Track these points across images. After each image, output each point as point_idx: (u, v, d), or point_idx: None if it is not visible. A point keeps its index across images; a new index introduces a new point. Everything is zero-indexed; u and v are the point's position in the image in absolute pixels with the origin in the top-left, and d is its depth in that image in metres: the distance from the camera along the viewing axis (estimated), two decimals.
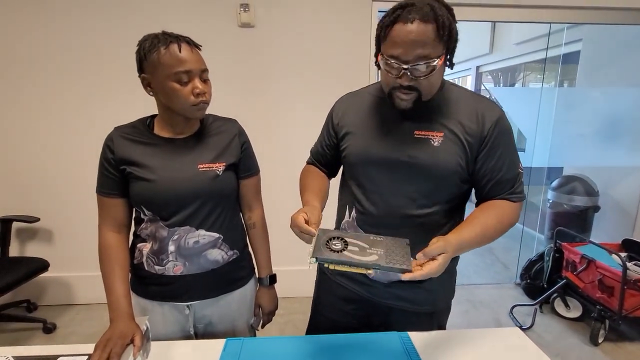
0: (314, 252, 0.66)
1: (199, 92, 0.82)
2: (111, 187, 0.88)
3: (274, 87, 2.14)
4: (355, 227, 0.90)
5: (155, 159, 0.87)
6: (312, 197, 0.85)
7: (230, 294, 0.98)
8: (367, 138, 0.87)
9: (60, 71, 2.02)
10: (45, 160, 2.11)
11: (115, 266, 0.87)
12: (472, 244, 0.74)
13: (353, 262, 0.65)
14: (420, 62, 0.71)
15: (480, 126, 0.79)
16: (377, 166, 0.85)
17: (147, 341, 0.83)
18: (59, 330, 2.02)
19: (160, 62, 0.79)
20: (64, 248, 2.22)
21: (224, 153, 0.93)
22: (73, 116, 2.07)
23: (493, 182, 0.81)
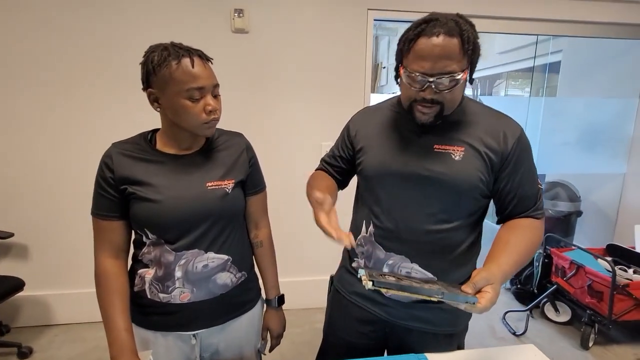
0: (370, 277, 0.64)
1: (211, 110, 0.77)
2: (109, 208, 0.81)
3: (267, 94, 2.09)
4: (372, 243, 0.87)
5: (160, 177, 0.80)
6: (318, 192, 0.79)
7: (238, 319, 0.92)
8: (385, 152, 0.85)
9: (33, 82, 1.88)
10: (19, 171, 1.95)
11: (114, 297, 0.80)
12: (513, 270, 0.73)
13: (416, 289, 0.63)
14: (445, 76, 0.70)
15: (503, 143, 0.78)
16: (395, 180, 0.83)
17: None
18: (35, 354, 1.87)
19: (171, 78, 0.73)
20: (41, 265, 2.06)
21: (233, 169, 0.88)
22: (47, 127, 1.94)
23: (518, 198, 0.81)
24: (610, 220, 2.74)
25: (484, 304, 0.62)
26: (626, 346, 2.02)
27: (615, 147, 2.64)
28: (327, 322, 1.05)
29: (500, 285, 0.67)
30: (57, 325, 2.12)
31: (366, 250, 0.89)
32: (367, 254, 0.88)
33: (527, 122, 2.59)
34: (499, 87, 4.61)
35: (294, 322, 2.17)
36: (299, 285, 2.29)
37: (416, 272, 0.83)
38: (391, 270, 0.85)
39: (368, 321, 0.93)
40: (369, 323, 0.93)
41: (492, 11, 2.15)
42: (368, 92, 2.18)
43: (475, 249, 0.89)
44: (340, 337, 0.98)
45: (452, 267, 0.84)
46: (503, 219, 0.84)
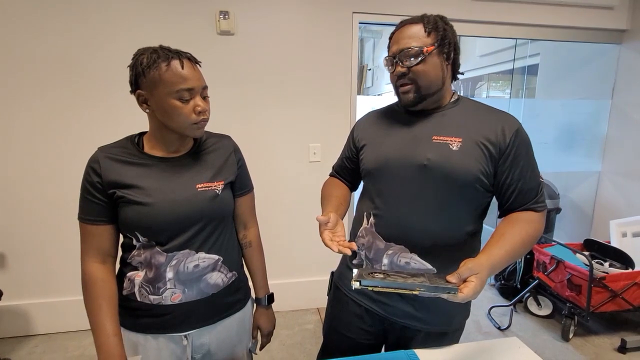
0: (357, 277, 0.67)
1: (200, 110, 0.77)
2: (97, 213, 0.80)
3: (254, 95, 2.08)
4: (372, 234, 0.89)
5: (150, 180, 0.80)
6: (331, 207, 0.88)
7: (229, 319, 0.92)
8: (384, 145, 0.89)
9: (9, 85, 1.82)
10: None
11: (102, 302, 0.78)
12: (503, 262, 0.74)
13: (397, 284, 0.65)
14: (407, 50, 0.80)
15: (501, 137, 0.80)
16: (394, 171, 0.85)
17: None
18: None
19: (161, 79, 0.74)
20: (19, 273, 1.98)
21: (222, 171, 0.89)
22: (23, 133, 1.88)
23: (518, 190, 0.82)
24: (587, 216, 2.86)
25: (465, 292, 0.64)
26: (604, 336, 2.11)
27: (590, 147, 2.75)
28: (328, 318, 1.06)
29: (488, 276, 0.69)
30: (37, 335, 2.05)
31: (367, 241, 0.90)
32: (367, 245, 0.90)
33: None
34: (481, 88, 4.74)
35: (283, 323, 2.17)
36: (288, 286, 2.29)
37: (415, 262, 0.84)
38: (390, 261, 0.86)
39: (367, 318, 0.94)
40: (368, 319, 0.95)
41: (472, 15, 2.22)
42: (354, 93, 2.20)
43: (475, 244, 0.90)
44: (341, 334, 0.99)
45: (452, 259, 0.84)
46: (504, 212, 0.86)
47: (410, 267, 0.85)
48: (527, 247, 0.79)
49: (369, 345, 0.96)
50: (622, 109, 2.56)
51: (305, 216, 2.26)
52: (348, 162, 1.03)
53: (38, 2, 1.78)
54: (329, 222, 0.78)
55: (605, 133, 2.67)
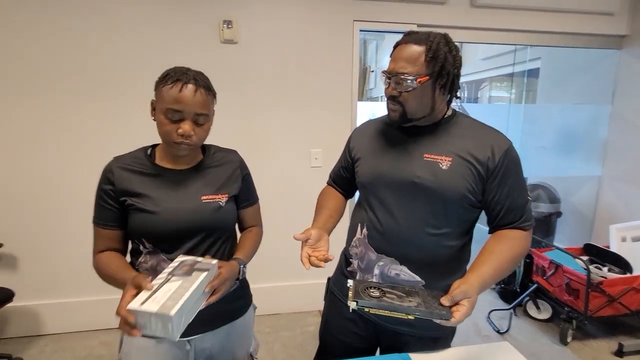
0: (354, 297, 0.70)
1: (181, 133, 0.81)
2: (109, 218, 0.86)
3: (256, 102, 2.13)
4: (365, 245, 0.93)
5: (158, 190, 0.85)
6: (318, 223, 0.94)
7: (231, 324, 0.97)
8: (378, 160, 0.92)
9: (19, 91, 1.89)
10: (7, 182, 1.95)
11: (117, 260, 0.86)
12: (492, 280, 0.78)
13: (395, 308, 0.68)
14: (400, 76, 0.80)
15: (491, 156, 0.82)
16: (386, 186, 0.89)
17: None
18: None
19: (162, 95, 0.81)
20: (30, 275, 2.05)
21: (227, 184, 0.94)
22: (35, 137, 1.94)
23: (505, 209, 0.84)
24: (587, 221, 2.87)
25: (457, 318, 0.68)
26: (601, 340, 2.12)
27: (590, 151, 2.77)
28: (323, 322, 1.10)
29: (477, 296, 0.73)
30: (47, 335, 2.11)
31: (360, 251, 0.95)
32: (360, 255, 0.94)
33: (508, 127, 2.69)
34: (484, 90, 4.76)
35: (285, 325, 2.22)
36: (289, 289, 2.34)
37: (405, 274, 0.88)
38: (381, 272, 0.90)
39: (360, 323, 0.99)
40: (362, 324, 0.99)
41: (472, 22, 2.24)
42: (355, 99, 2.24)
43: (464, 257, 0.94)
44: (336, 338, 1.04)
45: (441, 273, 0.89)
46: (493, 229, 0.89)
47: (400, 278, 0.89)
48: (514, 265, 0.83)
49: (363, 350, 1.00)
50: (622, 114, 2.57)
51: (307, 220, 2.29)
52: (344, 172, 1.07)
53: (47, 11, 1.84)
54: (309, 239, 0.83)
55: (606, 138, 2.69)
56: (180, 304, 0.64)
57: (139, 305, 0.64)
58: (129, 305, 0.64)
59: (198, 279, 0.72)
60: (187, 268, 0.74)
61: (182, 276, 0.72)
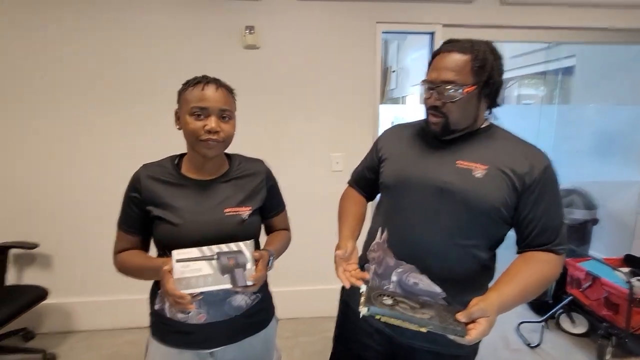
0: (366, 303, 0.67)
1: (208, 129, 0.82)
2: (131, 224, 0.89)
3: (278, 107, 2.14)
4: (384, 250, 0.89)
5: (182, 201, 0.86)
6: (348, 231, 0.91)
7: (254, 337, 0.96)
8: (404, 162, 0.90)
9: (57, 97, 1.98)
10: (44, 184, 2.05)
11: (140, 254, 0.90)
12: (514, 303, 0.72)
13: (407, 317, 0.64)
14: (446, 85, 0.77)
15: (529, 170, 0.78)
16: (412, 190, 0.86)
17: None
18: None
19: (184, 98, 0.84)
20: (63, 274, 2.15)
21: (251, 197, 0.93)
22: (71, 141, 2.03)
23: (539, 229, 0.79)
24: (628, 229, 2.68)
25: (472, 336, 0.63)
26: None
27: (629, 155, 2.58)
28: (336, 332, 1.08)
29: (496, 317, 0.68)
30: (78, 332, 2.21)
31: (378, 256, 0.91)
32: (378, 260, 0.91)
33: (538, 130, 2.56)
34: (511, 89, 4.57)
35: (305, 331, 2.20)
36: (310, 294, 2.32)
37: (424, 283, 0.84)
38: (399, 279, 0.86)
39: (376, 336, 0.95)
40: (377, 338, 0.95)
41: (502, 20, 2.15)
42: (377, 102, 2.20)
43: (487, 273, 0.89)
44: (349, 348, 1.01)
45: (461, 287, 0.84)
46: (522, 248, 0.83)
47: (419, 287, 0.85)
48: (540, 290, 0.77)
49: None
50: None
51: (328, 224, 2.27)
52: (368, 172, 1.04)
53: (79, 24, 1.93)
54: (345, 257, 0.82)
55: None
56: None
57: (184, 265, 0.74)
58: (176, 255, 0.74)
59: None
60: (232, 263, 0.78)
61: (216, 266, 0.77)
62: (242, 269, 0.78)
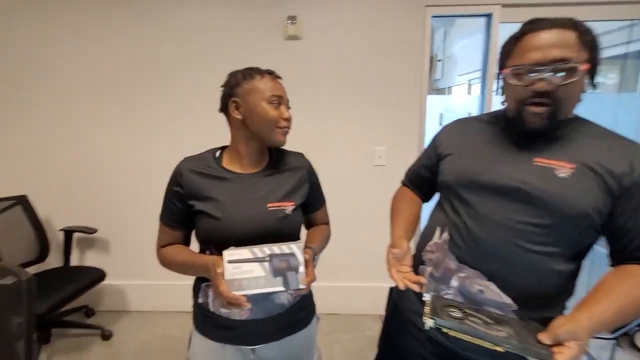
0: (432, 314, 0.62)
1: (286, 118, 0.86)
2: (175, 219, 0.89)
3: (320, 98, 2.08)
4: (444, 252, 0.81)
5: (224, 194, 0.84)
6: (401, 231, 0.84)
7: (295, 335, 0.93)
8: (472, 158, 0.80)
9: (119, 88, 2.11)
10: (103, 173, 2.21)
11: (185, 249, 0.90)
12: (607, 326, 0.61)
13: (480, 334, 0.57)
14: (561, 64, 0.64)
15: (629, 171, 0.65)
16: (480, 189, 0.76)
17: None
18: (115, 337, 2.11)
19: (255, 87, 0.83)
20: (119, 257, 2.32)
21: (294, 192, 0.90)
22: (130, 131, 2.16)
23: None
24: None
25: None
26: None
27: None
28: (384, 336, 1.01)
29: (587, 341, 0.57)
30: (132, 311, 2.37)
31: (436, 258, 0.82)
32: (436, 261, 0.82)
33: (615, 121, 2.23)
34: None
35: (345, 328, 2.16)
36: (350, 290, 2.27)
37: (491, 292, 0.74)
38: (460, 285, 0.77)
39: (429, 345, 0.87)
40: (430, 347, 0.86)
41: None
42: (425, 93, 2.06)
43: (567, 288, 0.76)
44: (395, 353, 0.93)
45: (535, 301, 0.73)
46: (618, 262, 0.71)
47: (484, 296, 0.75)
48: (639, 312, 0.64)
49: None
50: None
51: (369, 220, 2.20)
52: (425, 171, 0.95)
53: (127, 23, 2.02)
54: (399, 259, 0.76)
55: None
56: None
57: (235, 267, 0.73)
58: (227, 256, 0.73)
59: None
60: (284, 266, 0.76)
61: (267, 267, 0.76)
62: (295, 271, 0.75)
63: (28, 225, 2.04)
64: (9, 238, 1.94)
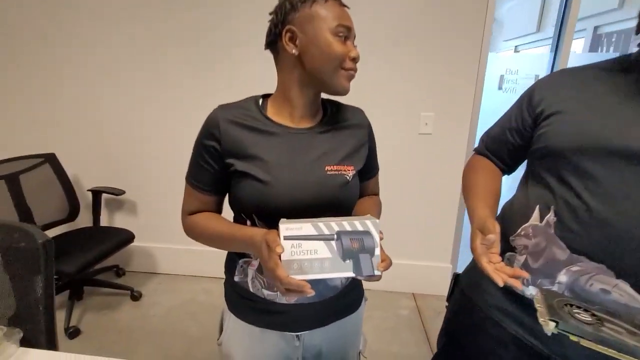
0: (550, 314, 0.48)
1: (354, 57, 0.66)
2: (206, 181, 0.72)
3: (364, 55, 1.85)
4: (549, 237, 0.63)
5: (274, 152, 0.68)
6: (487, 210, 0.67)
7: (343, 320, 0.81)
8: (591, 119, 0.61)
9: (151, 44, 1.95)
10: (130, 134, 2.12)
11: (219, 220, 0.72)
12: None
13: (630, 349, 0.43)
14: None
15: None
16: (606, 158, 0.58)
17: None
18: (144, 298, 2.11)
19: (318, 13, 0.63)
20: (147, 220, 2.27)
21: (354, 154, 0.74)
22: (158, 91, 2.02)
23: None
24: None
25: None
26: None
27: None
28: (448, 332, 0.87)
29: None
30: (161, 274, 2.37)
31: (535, 244, 0.66)
32: (534, 249, 0.66)
33: None
34: None
35: (377, 305, 2.07)
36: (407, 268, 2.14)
37: (621, 293, 0.58)
38: (572, 281, 0.61)
39: (514, 349, 0.72)
40: (515, 351, 0.71)
41: None
42: (485, 52, 1.79)
43: None
44: (466, 355, 0.80)
45: None
46: None
47: (610, 298, 0.58)
48: None
49: None
50: None
51: (408, 194, 2.04)
52: (514, 136, 0.76)
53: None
54: (491, 247, 0.60)
55: None
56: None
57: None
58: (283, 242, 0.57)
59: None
60: (356, 246, 0.59)
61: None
62: (369, 254, 0.60)
63: (57, 184, 2.00)
64: (39, 197, 1.91)
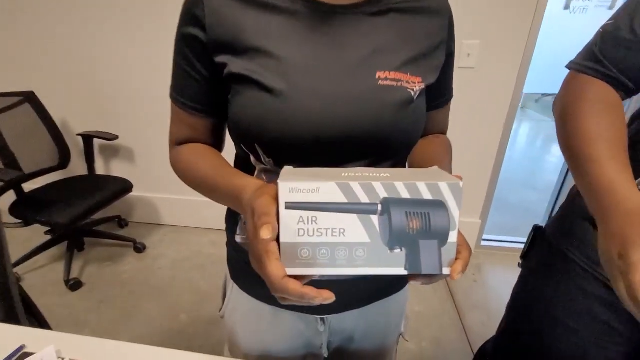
0: None
1: None
2: (192, 94, 0.46)
3: None
4: None
5: (290, 44, 0.41)
6: (628, 174, 0.41)
7: (385, 300, 0.60)
8: None
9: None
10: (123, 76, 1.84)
11: (209, 160, 0.48)
12: None
13: None
14: None
15: None
16: None
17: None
18: (148, 251, 1.99)
19: None
20: (146, 169, 2.09)
21: (425, 58, 0.45)
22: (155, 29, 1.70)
23: None
24: None
25: None
26: None
27: None
28: (522, 297, 0.67)
29: None
30: (165, 225, 2.24)
31: None
32: None
33: None
34: None
35: None
36: None
37: None
38: None
39: (621, 328, 0.52)
40: (623, 330, 0.52)
41: None
42: None
43: None
44: (552, 333, 0.59)
45: None
46: None
47: None
48: None
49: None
50: None
51: None
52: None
53: None
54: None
55: None
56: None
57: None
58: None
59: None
60: (416, 226, 0.31)
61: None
62: (437, 240, 0.31)
63: (42, 127, 1.78)
64: (23, 141, 1.71)
